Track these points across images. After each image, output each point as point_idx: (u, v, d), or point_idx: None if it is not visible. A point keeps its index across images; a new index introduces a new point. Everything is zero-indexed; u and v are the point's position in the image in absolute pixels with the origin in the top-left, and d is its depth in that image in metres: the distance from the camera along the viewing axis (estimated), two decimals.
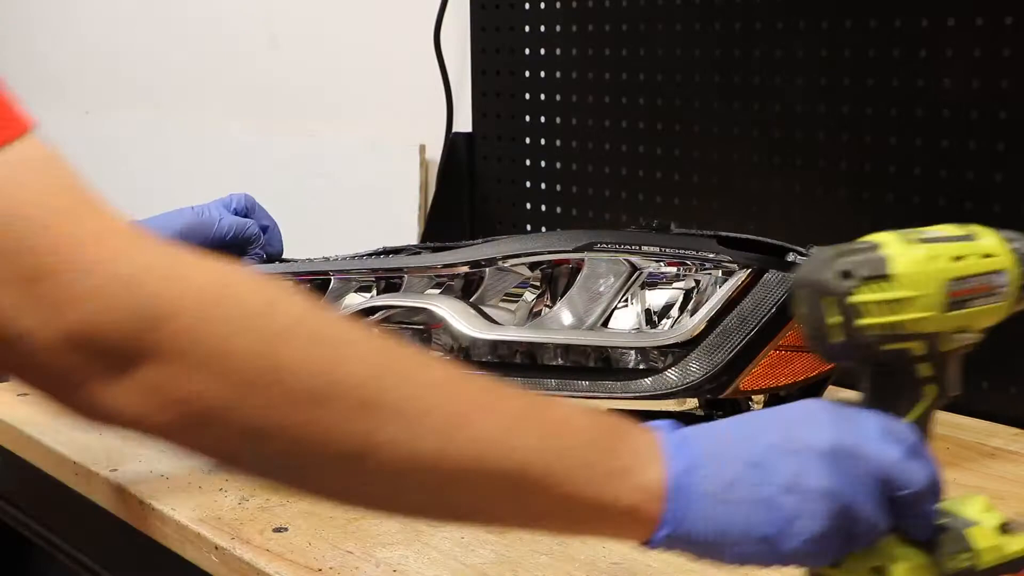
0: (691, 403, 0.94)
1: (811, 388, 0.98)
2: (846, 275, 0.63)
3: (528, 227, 1.54)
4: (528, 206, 1.54)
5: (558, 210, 1.51)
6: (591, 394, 0.93)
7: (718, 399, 0.95)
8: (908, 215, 1.17)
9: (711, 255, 0.96)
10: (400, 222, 1.71)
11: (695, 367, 0.93)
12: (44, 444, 1.09)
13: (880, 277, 0.63)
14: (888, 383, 0.66)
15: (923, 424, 0.67)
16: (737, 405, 0.97)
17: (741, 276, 0.95)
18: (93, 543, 1.12)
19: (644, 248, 0.97)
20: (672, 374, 0.93)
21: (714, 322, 0.94)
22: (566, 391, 0.93)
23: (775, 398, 0.97)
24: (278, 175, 1.95)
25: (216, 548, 0.87)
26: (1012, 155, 1.09)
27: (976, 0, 1.10)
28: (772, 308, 0.94)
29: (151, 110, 2.25)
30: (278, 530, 0.88)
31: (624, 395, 0.93)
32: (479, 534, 0.87)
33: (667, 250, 0.97)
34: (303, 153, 1.90)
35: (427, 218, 1.66)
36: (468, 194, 1.60)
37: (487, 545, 0.85)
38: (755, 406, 0.96)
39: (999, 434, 1.08)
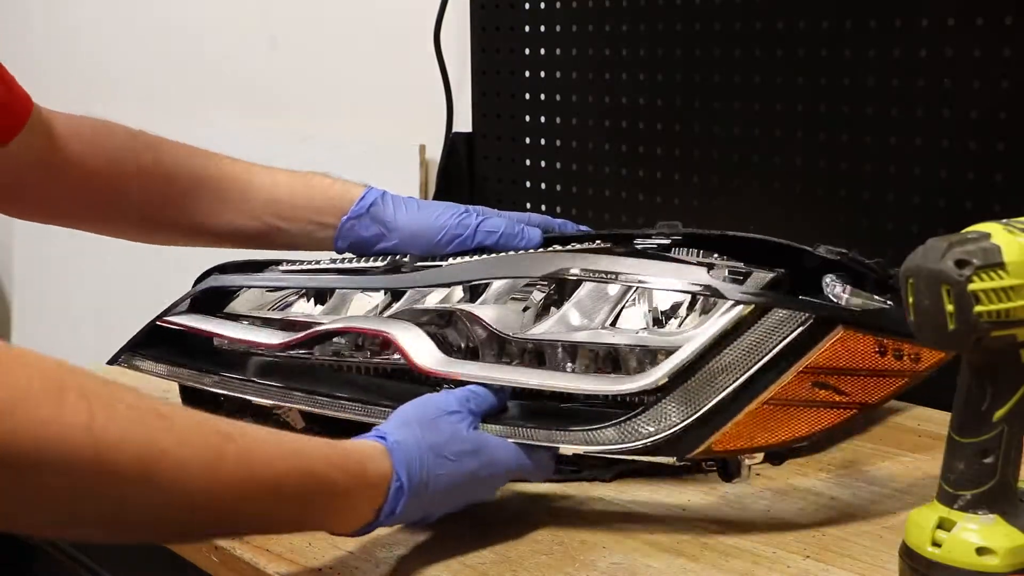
0: (652, 457, 0.82)
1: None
2: (961, 264, 0.66)
3: None
4: (528, 206, 1.54)
5: (558, 210, 1.51)
6: (554, 443, 0.84)
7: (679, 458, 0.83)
8: (908, 215, 1.17)
9: (702, 287, 0.87)
10: None
11: (647, 428, 0.82)
12: None
13: (994, 265, 0.66)
14: (991, 369, 0.69)
15: (1022, 409, 0.69)
16: (725, 464, 0.88)
17: (735, 313, 0.83)
18: (93, 543, 1.12)
19: (622, 277, 0.89)
20: (644, 424, 0.82)
21: (692, 367, 0.83)
22: (529, 439, 0.85)
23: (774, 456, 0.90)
24: None
25: (216, 548, 0.87)
26: (1012, 155, 1.09)
27: (976, 0, 1.10)
28: (768, 352, 0.82)
29: (150, 110, 2.25)
30: None
31: (587, 444, 0.84)
32: (479, 534, 0.87)
33: (644, 279, 0.89)
34: (303, 154, 1.90)
35: None
36: (468, 194, 1.60)
37: (487, 545, 0.85)
38: (748, 460, 0.87)
39: None
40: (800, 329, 0.82)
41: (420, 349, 0.91)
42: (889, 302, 0.88)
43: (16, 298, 2.62)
